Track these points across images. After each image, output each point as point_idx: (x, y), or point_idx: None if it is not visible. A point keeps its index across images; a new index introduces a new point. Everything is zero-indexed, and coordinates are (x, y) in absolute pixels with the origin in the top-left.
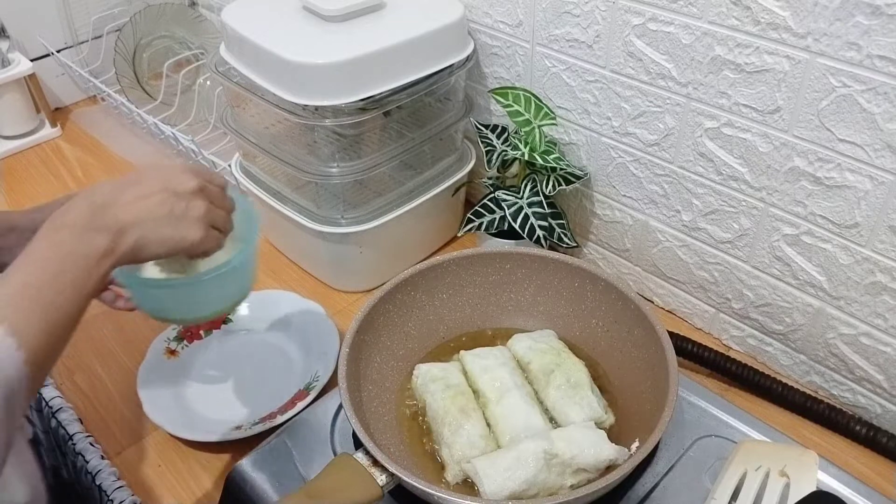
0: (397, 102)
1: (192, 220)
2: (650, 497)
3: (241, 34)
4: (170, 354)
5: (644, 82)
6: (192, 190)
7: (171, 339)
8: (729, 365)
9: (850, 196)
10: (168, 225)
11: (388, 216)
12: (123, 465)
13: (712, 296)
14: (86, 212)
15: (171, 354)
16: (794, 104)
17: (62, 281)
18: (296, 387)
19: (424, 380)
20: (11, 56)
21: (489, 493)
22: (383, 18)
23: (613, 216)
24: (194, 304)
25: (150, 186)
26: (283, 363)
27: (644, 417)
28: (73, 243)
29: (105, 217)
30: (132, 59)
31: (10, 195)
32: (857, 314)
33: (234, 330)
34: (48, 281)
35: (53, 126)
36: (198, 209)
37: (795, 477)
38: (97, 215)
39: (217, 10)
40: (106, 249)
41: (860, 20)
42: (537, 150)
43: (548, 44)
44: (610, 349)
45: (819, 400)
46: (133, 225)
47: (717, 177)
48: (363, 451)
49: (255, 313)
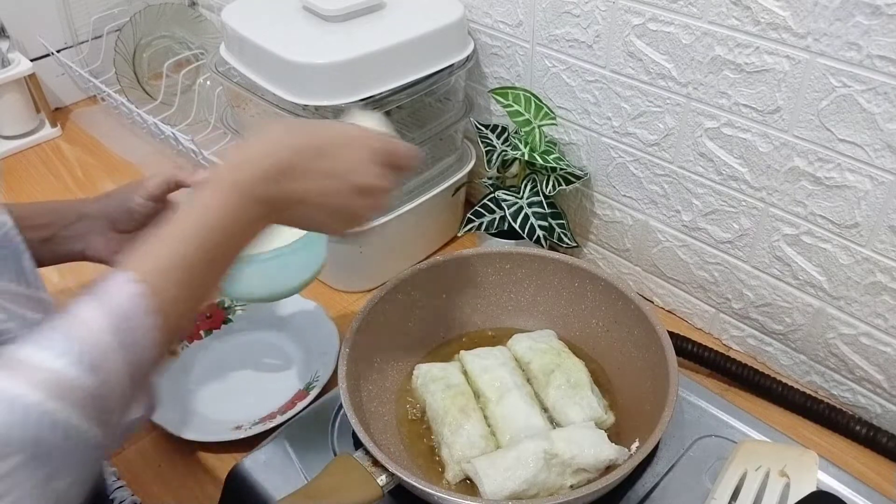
0: (397, 102)
1: (352, 217)
2: (650, 497)
3: (241, 34)
4: (170, 354)
5: (644, 82)
6: (373, 187)
7: None
8: (729, 365)
9: (850, 196)
10: (329, 215)
11: (388, 216)
12: (123, 465)
13: (712, 296)
14: (262, 176)
15: (171, 354)
16: (794, 104)
17: (217, 252)
18: (296, 387)
19: (424, 380)
20: (11, 56)
21: (489, 493)
22: (383, 18)
23: (613, 216)
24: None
25: (334, 167)
26: (283, 363)
27: (644, 417)
28: (242, 214)
29: (279, 186)
30: (132, 59)
31: (10, 195)
32: (857, 314)
33: (234, 330)
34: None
35: (53, 126)
36: (363, 210)
37: (795, 477)
38: (272, 182)
39: (217, 10)
40: (266, 217)
41: (860, 20)
42: (537, 150)
43: (548, 44)
44: (610, 349)
45: (819, 400)
46: (300, 203)
47: (717, 177)
48: (363, 451)
49: (255, 313)
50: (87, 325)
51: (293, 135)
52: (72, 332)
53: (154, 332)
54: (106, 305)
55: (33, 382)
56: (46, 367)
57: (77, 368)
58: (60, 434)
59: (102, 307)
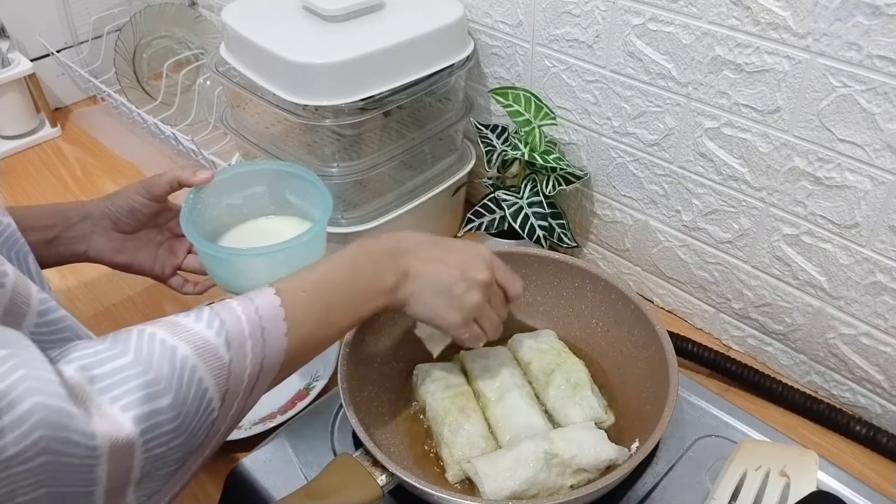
0: (397, 102)
1: (462, 307)
2: (650, 497)
3: (241, 34)
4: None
5: (644, 82)
6: (480, 281)
7: None
8: (729, 365)
9: (850, 196)
10: (441, 297)
11: (388, 216)
12: None
13: (712, 296)
14: (389, 249)
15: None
16: (794, 104)
17: (346, 296)
18: (296, 387)
19: (424, 380)
20: (11, 56)
21: (489, 493)
22: (383, 18)
23: (613, 216)
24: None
25: (449, 256)
26: None
27: (644, 417)
28: (369, 270)
29: (401, 260)
30: (132, 59)
31: (10, 195)
32: (857, 314)
33: None
34: (336, 290)
35: (53, 126)
36: (472, 300)
37: (795, 477)
38: (396, 256)
39: (217, 10)
40: (390, 287)
41: (860, 20)
42: (537, 150)
43: (548, 44)
44: (610, 349)
45: (819, 400)
46: (416, 278)
47: (717, 177)
48: (363, 451)
49: None
50: (231, 312)
51: (426, 235)
52: (220, 312)
53: (283, 337)
54: (250, 303)
55: (187, 340)
56: (197, 331)
57: (218, 339)
58: (195, 389)
59: (247, 304)
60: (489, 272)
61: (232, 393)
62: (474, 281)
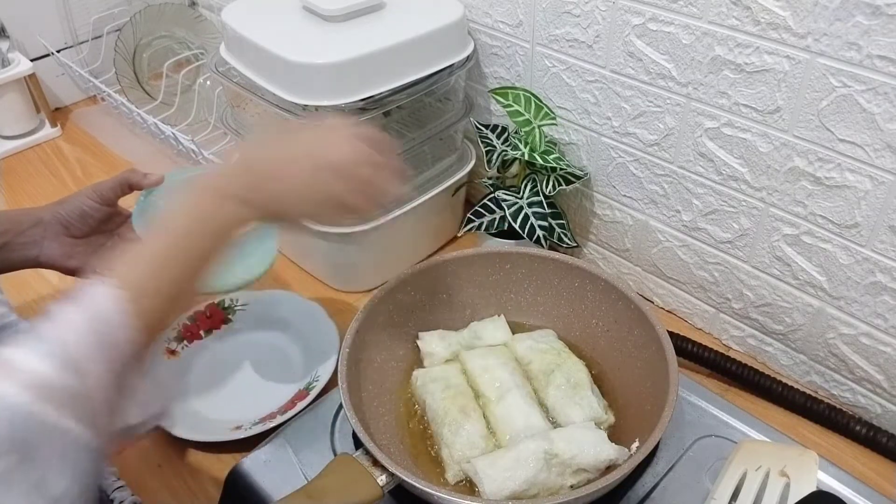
0: (397, 102)
1: (342, 205)
2: (650, 497)
3: (241, 34)
4: (170, 354)
5: (644, 82)
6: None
7: (171, 338)
8: (729, 365)
9: (850, 196)
10: (317, 205)
11: (388, 216)
12: (123, 465)
13: (712, 296)
14: (238, 182)
15: (171, 354)
16: (794, 104)
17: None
18: (296, 387)
19: (424, 380)
20: (11, 56)
21: (489, 493)
22: (383, 18)
23: (613, 216)
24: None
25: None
26: (283, 363)
27: (644, 417)
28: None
29: (259, 193)
30: (132, 59)
31: (9, 195)
32: (857, 314)
33: (234, 330)
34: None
35: (53, 126)
36: (351, 196)
37: (795, 477)
38: (252, 189)
39: (217, 10)
40: (248, 215)
41: (860, 20)
42: (537, 150)
43: (548, 44)
44: (610, 349)
45: (819, 400)
46: (280, 202)
47: (717, 177)
48: (363, 451)
49: (255, 313)
50: (68, 328)
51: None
52: (54, 334)
53: (133, 332)
54: (86, 309)
55: (20, 383)
56: (31, 369)
57: (60, 370)
58: (48, 435)
59: (83, 311)
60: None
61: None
62: (347, 171)
